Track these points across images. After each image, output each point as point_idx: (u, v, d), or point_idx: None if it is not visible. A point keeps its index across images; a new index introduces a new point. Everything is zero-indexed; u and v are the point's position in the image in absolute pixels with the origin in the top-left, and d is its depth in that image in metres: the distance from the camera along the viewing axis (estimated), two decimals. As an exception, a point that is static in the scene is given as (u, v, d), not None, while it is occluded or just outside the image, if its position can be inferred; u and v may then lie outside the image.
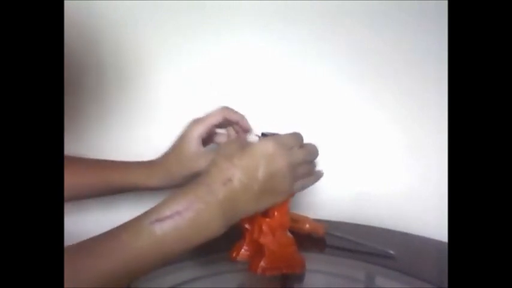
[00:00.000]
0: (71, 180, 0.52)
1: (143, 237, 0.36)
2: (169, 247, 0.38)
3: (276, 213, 0.46)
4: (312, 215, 0.61)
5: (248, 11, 0.69)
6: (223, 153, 0.42)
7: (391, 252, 0.54)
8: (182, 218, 0.38)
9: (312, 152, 0.46)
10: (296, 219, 0.58)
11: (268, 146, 0.41)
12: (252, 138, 0.51)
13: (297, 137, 0.45)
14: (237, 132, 0.57)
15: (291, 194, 0.44)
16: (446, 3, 0.33)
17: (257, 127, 0.53)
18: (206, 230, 0.39)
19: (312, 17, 0.70)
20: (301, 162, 0.44)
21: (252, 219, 0.49)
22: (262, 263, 0.47)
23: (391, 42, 0.71)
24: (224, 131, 0.58)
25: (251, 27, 0.69)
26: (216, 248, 0.53)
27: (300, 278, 0.48)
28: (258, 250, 0.48)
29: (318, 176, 0.47)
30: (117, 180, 0.55)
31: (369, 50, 0.71)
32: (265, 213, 0.47)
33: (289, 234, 0.48)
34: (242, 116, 0.55)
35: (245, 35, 0.69)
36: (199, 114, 0.55)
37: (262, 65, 0.71)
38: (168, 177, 0.55)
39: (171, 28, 0.68)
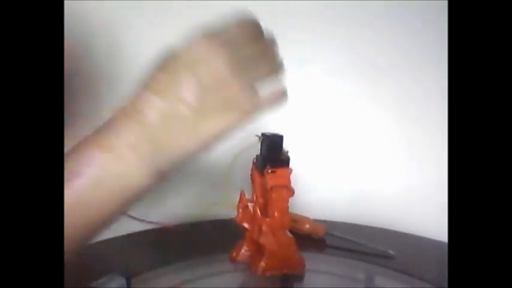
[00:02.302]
0: None
1: None
2: (82, 216, 0.30)
3: (276, 213, 0.46)
4: (312, 215, 0.61)
5: (247, 9, 0.69)
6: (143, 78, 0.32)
7: (391, 252, 0.54)
8: (84, 178, 0.30)
9: (269, 45, 0.34)
10: (296, 220, 0.58)
11: (195, 47, 0.30)
12: (252, 138, 0.51)
13: (245, 25, 0.33)
14: None
15: (255, 108, 0.32)
16: (446, 1, 0.33)
17: (256, 127, 0.53)
18: (123, 185, 0.30)
19: (309, 15, 0.70)
20: (256, 60, 0.32)
21: (252, 219, 0.49)
22: (262, 263, 0.47)
23: (390, 41, 0.71)
24: None
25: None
26: (216, 248, 0.54)
27: (300, 278, 0.48)
28: (258, 250, 0.48)
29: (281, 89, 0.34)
30: None
31: (368, 49, 0.71)
32: (265, 213, 0.47)
33: (289, 234, 0.48)
34: None
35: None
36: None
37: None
38: None
39: (166, 29, 0.68)
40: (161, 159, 0.31)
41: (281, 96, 0.34)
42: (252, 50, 0.32)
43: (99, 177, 0.30)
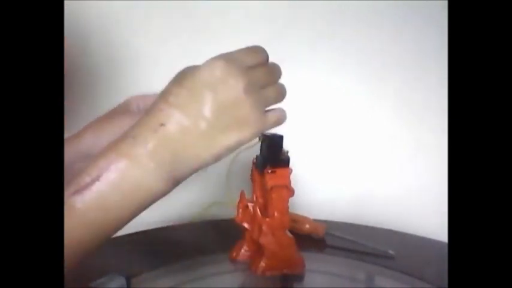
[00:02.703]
0: None
1: (65, 214, 0.30)
2: (100, 219, 0.32)
3: (276, 213, 0.46)
4: (312, 215, 0.61)
5: (247, 9, 0.69)
6: (162, 92, 0.35)
7: (391, 252, 0.54)
8: (103, 182, 0.32)
9: (275, 70, 0.38)
10: (296, 220, 0.58)
11: (215, 68, 0.33)
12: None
13: (255, 51, 0.37)
14: None
15: (264, 127, 0.36)
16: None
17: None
18: (140, 190, 0.33)
19: (312, 14, 0.70)
20: (265, 83, 0.36)
21: (252, 219, 0.49)
22: (262, 263, 0.47)
23: (391, 41, 0.71)
24: None
25: (252, 26, 0.69)
26: (216, 248, 0.54)
27: (300, 278, 0.48)
28: (258, 250, 0.48)
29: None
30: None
31: (369, 48, 0.71)
32: (265, 213, 0.47)
33: (289, 234, 0.48)
34: None
35: (242, 34, 0.69)
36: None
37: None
38: None
39: (165, 28, 0.68)
40: (177, 168, 0.34)
41: (282, 117, 0.38)
42: (262, 75, 0.36)
43: (118, 183, 0.32)
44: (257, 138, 0.48)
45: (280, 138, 0.48)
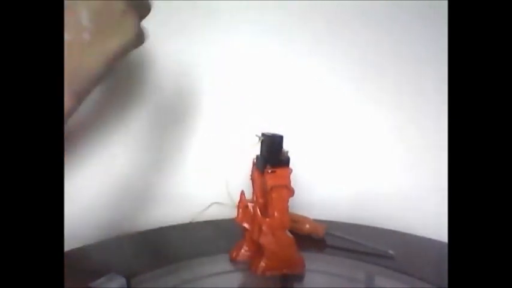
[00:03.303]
0: None
1: None
2: None
3: (276, 213, 0.46)
4: (312, 215, 0.61)
5: (248, 10, 0.69)
6: None
7: (391, 252, 0.54)
8: None
9: None
10: (296, 220, 0.58)
11: None
12: (253, 138, 0.51)
13: None
14: None
15: (140, 29, 0.39)
16: (446, 3, 0.33)
17: (257, 127, 0.53)
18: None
19: (310, 14, 0.70)
20: None
21: (252, 219, 0.49)
22: (262, 263, 0.47)
23: (390, 43, 0.71)
24: None
25: (250, 27, 0.70)
26: (216, 248, 0.54)
27: (299, 278, 0.48)
28: (258, 250, 0.48)
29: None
30: None
31: (368, 50, 0.71)
32: (265, 213, 0.47)
33: (289, 234, 0.48)
34: None
35: (244, 34, 0.70)
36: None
37: (261, 65, 0.71)
38: None
39: (169, 27, 0.68)
40: (76, 83, 0.35)
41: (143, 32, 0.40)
42: None
43: None
44: (257, 138, 0.48)
45: (280, 138, 0.48)
